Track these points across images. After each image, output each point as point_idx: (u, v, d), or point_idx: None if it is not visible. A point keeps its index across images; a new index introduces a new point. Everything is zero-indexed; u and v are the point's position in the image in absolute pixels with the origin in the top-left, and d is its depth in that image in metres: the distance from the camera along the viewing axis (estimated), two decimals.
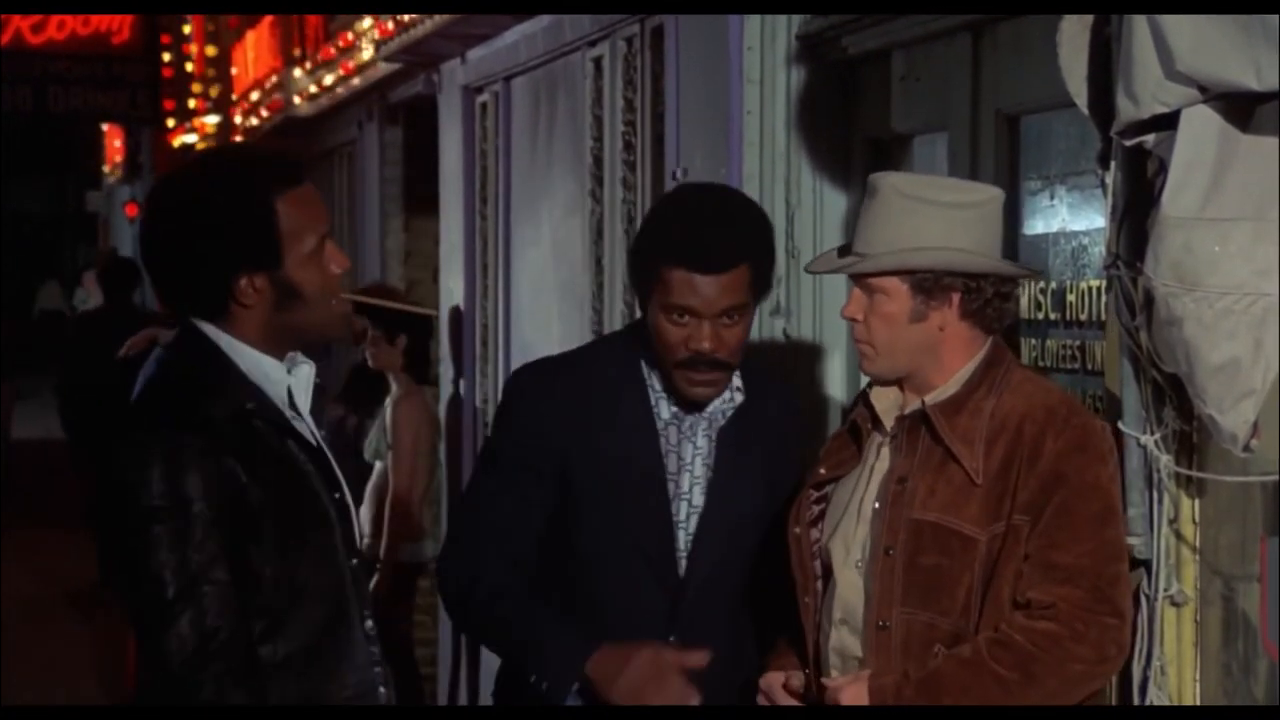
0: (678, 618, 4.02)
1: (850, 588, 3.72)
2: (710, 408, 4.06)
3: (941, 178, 4.05)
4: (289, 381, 3.52)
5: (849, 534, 3.74)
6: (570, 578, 4.04)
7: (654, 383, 4.05)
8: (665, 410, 4.05)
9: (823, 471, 3.85)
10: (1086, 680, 3.59)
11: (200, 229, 3.42)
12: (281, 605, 3.40)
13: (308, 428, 3.55)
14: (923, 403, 3.71)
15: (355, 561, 3.51)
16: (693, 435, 4.06)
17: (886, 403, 3.77)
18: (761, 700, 3.84)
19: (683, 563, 4.04)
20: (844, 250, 3.85)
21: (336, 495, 3.51)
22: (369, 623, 3.51)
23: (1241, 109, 3.49)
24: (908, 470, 3.69)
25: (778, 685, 3.82)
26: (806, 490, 3.85)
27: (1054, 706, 3.62)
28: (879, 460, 3.76)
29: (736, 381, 4.08)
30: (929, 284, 3.67)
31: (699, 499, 4.06)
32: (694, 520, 4.05)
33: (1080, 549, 3.56)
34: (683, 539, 4.05)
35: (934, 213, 3.68)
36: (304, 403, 3.56)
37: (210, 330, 3.47)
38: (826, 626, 3.75)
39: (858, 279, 3.75)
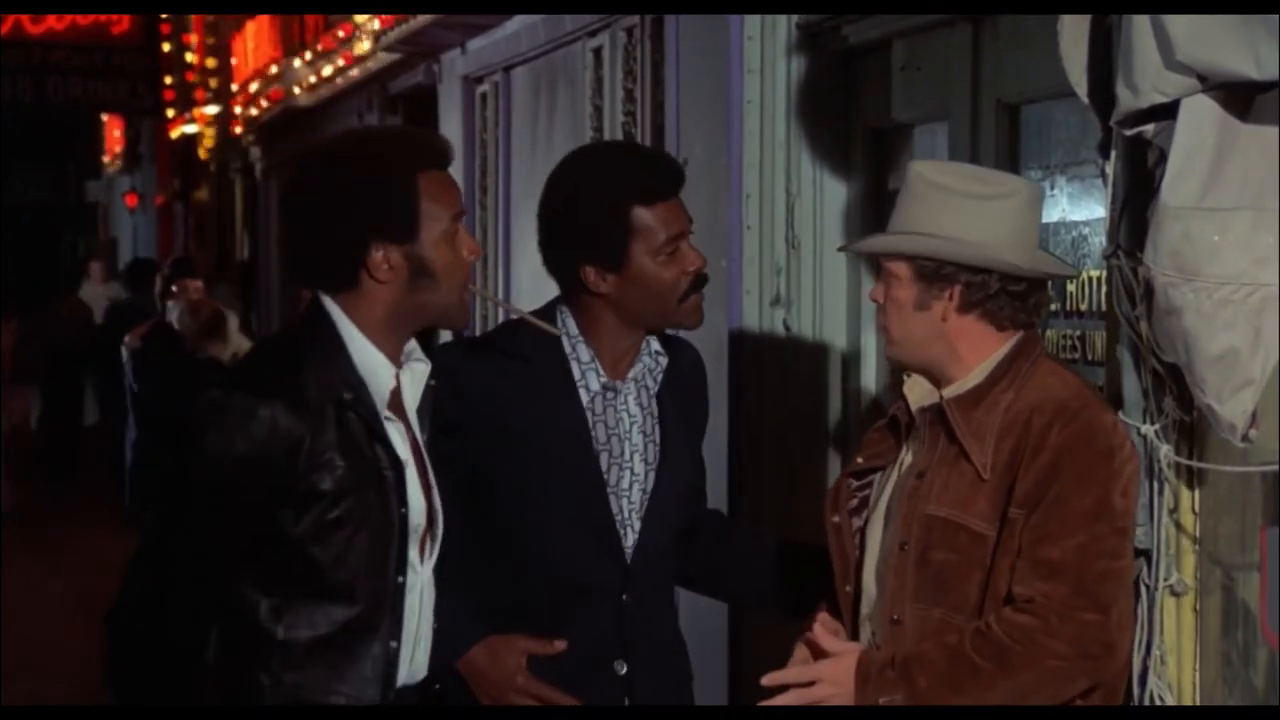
0: (631, 582, 4.03)
1: (874, 583, 3.70)
2: (635, 370, 4.06)
3: (976, 168, 3.98)
4: (394, 384, 3.50)
5: (876, 528, 3.72)
6: (523, 558, 4.05)
7: (580, 355, 4.03)
8: (594, 382, 4.03)
9: (860, 461, 3.81)
10: (1066, 676, 3.53)
11: (340, 197, 3.42)
12: (311, 592, 3.42)
13: (403, 432, 3.52)
14: (940, 396, 3.68)
15: (400, 580, 3.48)
16: (624, 404, 4.05)
17: (917, 395, 3.73)
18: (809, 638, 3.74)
19: (629, 531, 4.04)
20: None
21: (403, 510, 3.48)
22: (394, 643, 3.48)
23: (1241, 98, 3.49)
24: (927, 465, 3.66)
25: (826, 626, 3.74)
26: (845, 479, 3.82)
27: (1056, 707, 3.61)
28: (907, 454, 3.73)
29: (655, 345, 4.10)
30: (929, 272, 3.63)
31: (640, 467, 4.06)
32: (636, 489, 4.05)
33: (1068, 543, 3.51)
34: (625, 507, 4.04)
35: (953, 202, 3.64)
36: (410, 400, 3.54)
37: (335, 312, 3.46)
38: (858, 617, 3.74)
39: (881, 263, 3.74)
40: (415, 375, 3.55)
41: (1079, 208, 4.96)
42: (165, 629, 3.40)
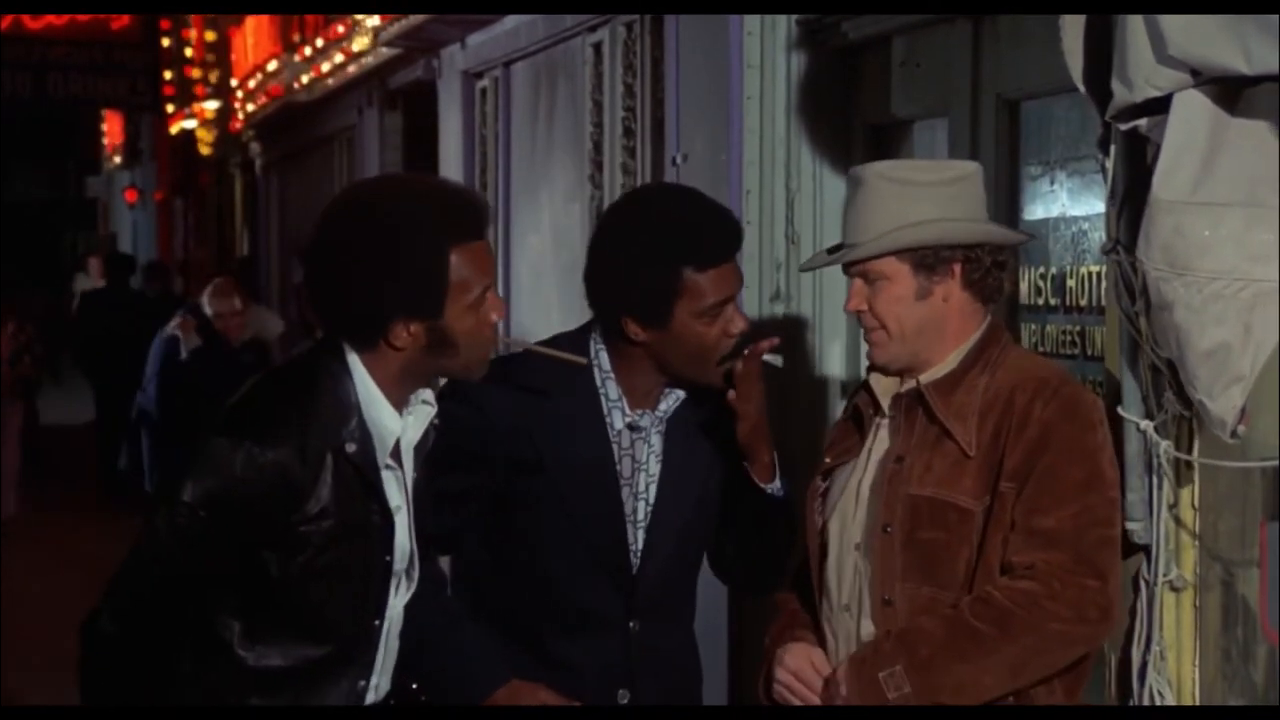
0: (635, 610, 4.02)
1: (852, 570, 3.73)
2: (662, 407, 4.04)
3: (919, 160, 4.08)
4: (399, 433, 3.48)
5: (846, 516, 3.76)
6: (533, 582, 4.04)
7: (609, 391, 4.00)
8: (619, 420, 4.00)
9: (828, 460, 3.86)
10: (1065, 641, 3.57)
11: (371, 266, 3.36)
12: (286, 628, 3.42)
13: (400, 478, 3.51)
14: (918, 381, 3.72)
15: (376, 623, 3.49)
16: (647, 437, 4.03)
17: (884, 385, 3.78)
18: (786, 678, 3.78)
19: (635, 560, 4.03)
20: (835, 249, 3.85)
21: (387, 558, 3.48)
22: (362, 682, 3.49)
23: (1233, 93, 3.49)
24: (905, 449, 3.71)
25: (806, 665, 3.78)
26: (815, 481, 3.86)
27: (1055, 707, 3.62)
28: (877, 442, 3.77)
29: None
30: (930, 259, 3.68)
31: (655, 497, 4.04)
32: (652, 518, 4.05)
33: (1062, 513, 3.56)
34: (641, 538, 4.03)
35: (922, 192, 3.69)
36: (410, 441, 3.51)
37: (352, 362, 3.43)
38: (829, 611, 3.77)
39: (856, 269, 3.74)
40: (419, 417, 3.53)
41: (1079, 203, 4.96)
42: (141, 642, 3.40)
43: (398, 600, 3.54)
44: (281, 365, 3.63)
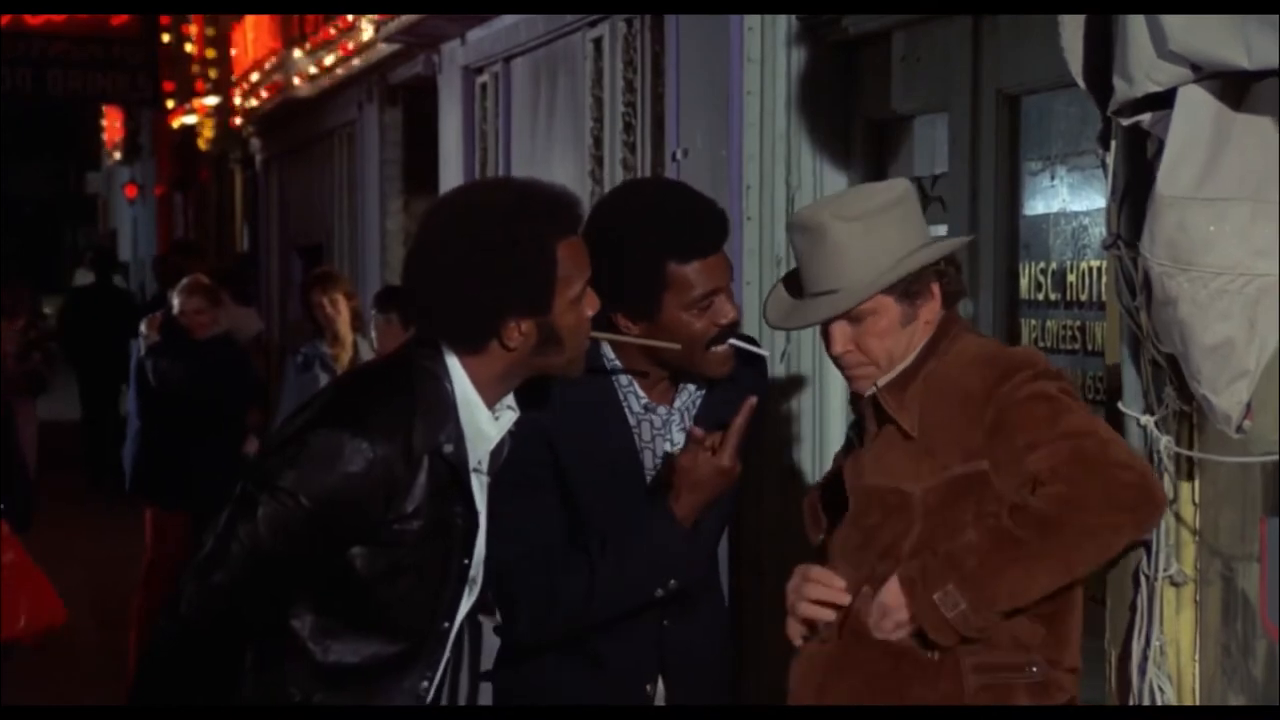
0: (669, 607, 4.01)
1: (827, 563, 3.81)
2: (679, 401, 4.04)
3: (854, 189, 4.11)
4: (495, 437, 3.52)
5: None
6: None
7: (619, 378, 4.02)
8: (635, 404, 4.01)
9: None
10: (1106, 530, 3.57)
11: (482, 268, 3.39)
12: (360, 624, 3.44)
13: (485, 483, 3.54)
14: (876, 386, 3.77)
15: (446, 625, 3.51)
16: (667, 432, 4.03)
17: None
18: (794, 580, 3.85)
19: None
20: (794, 290, 3.85)
21: (465, 562, 3.51)
22: (425, 683, 3.51)
23: (1237, 88, 3.49)
24: (865, 447, 3.78)
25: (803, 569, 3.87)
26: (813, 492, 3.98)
27: (1057, 708, 3.64)
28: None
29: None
30: (914, 286, 3.73)
31: None
32: None
33: (1050, 447, 3.60)
34: None
35: (882, 222, 3.72)
36: (491, 444, 3.54)
37: (453, 367, 3.46)
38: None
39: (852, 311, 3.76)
40: (504, 421, 3.57)
41: (1079, 198, 4.96)
42: (215, 631, 3.40)
43: (466, 604, 3.57)
44: (377, 364, 3.66)
